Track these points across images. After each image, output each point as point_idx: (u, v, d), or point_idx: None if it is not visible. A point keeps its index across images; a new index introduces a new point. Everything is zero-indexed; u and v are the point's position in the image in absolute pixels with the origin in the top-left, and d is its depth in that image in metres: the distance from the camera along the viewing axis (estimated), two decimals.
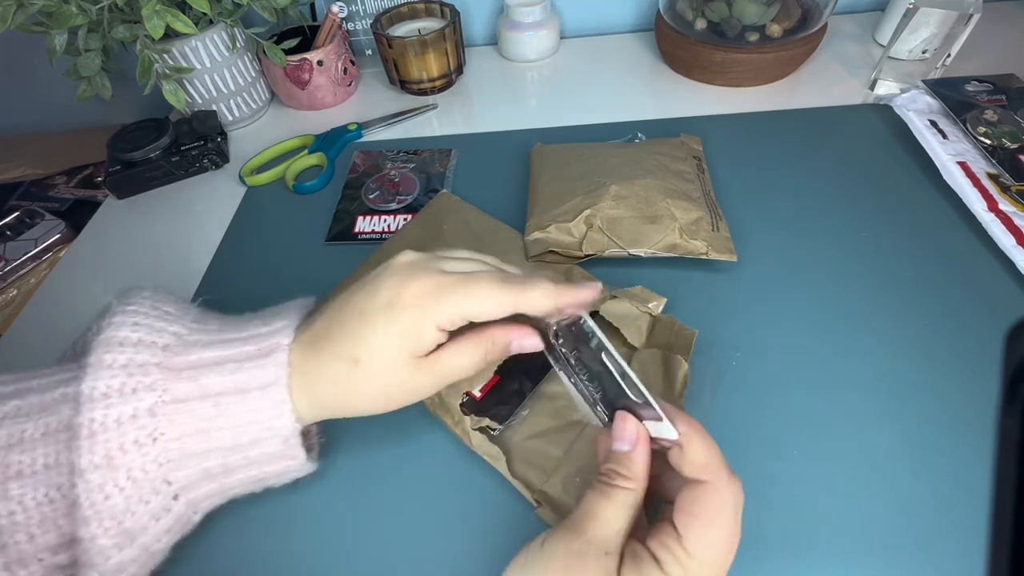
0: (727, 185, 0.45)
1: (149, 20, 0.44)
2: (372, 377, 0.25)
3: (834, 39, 0.60)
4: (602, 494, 0.22)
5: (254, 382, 0.25)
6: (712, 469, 0.21)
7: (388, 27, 0.59)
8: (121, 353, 0.24)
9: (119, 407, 0.23)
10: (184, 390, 0.24)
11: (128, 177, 0.52)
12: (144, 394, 0.24)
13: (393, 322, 0.25)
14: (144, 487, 0.24)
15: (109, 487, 0.23)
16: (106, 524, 0.23)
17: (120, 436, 0.23)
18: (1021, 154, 0.42)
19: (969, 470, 0.29)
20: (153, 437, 0.24)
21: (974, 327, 0.35)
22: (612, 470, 0.22)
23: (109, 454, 0.23)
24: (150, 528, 0.24)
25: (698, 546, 0.20)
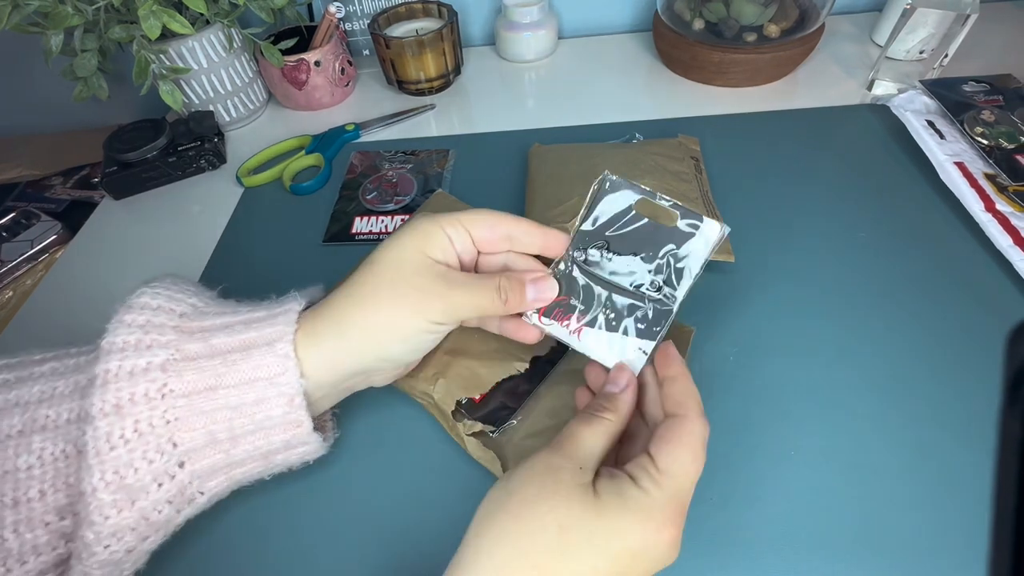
0: (724, 185, 0.45)
1: (145, 20, 0.44)
2: (386, 284, 0.26)
3: (832, 39, 0.60)
4: (584, 421, 0.24)
5: (260, 340, 0.26)
6: (688, 405, 0.24)
7: (385, 27, 0.59)
8: (140, 314, 0.26)
9: (133, 359, 0.25)
10: (195, 349, 0.25)
11: (125, 178, 0.52)
12: (158, 351, 0.25)
13: (403, 230, 0.28)
14: (149, 443, 0.24)
15: (115, 437, 0.24)
16: (108, 477, 0.23)
17: (131, 386, 0.24)
18: (1018, 154, 0.42)
19: (966, 470, 0.29)
20: (162, 393, 0.24)
21: (971, 327, 0.35)
22: (598, 403, 0.25)
23: (119, 403, 0.24)
24: (151, 492, 0.24)
25: (669, 464, 0.22)
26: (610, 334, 0.27)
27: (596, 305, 0.27)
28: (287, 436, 0.26)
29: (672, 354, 0.25)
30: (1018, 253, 0.37)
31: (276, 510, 0.31)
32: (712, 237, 0.26)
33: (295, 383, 0.25)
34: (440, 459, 0.32)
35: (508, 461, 0.30)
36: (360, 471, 0.32)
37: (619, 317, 0.27)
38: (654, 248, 0.27)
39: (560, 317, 0.28)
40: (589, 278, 0.28)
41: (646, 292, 0.27)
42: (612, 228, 0.28)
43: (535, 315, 0.28)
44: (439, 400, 0.32)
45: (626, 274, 0.27)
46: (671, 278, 0.27)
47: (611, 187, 0.28)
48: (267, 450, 0.26)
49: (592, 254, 0.28)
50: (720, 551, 0.28)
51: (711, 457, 0.30)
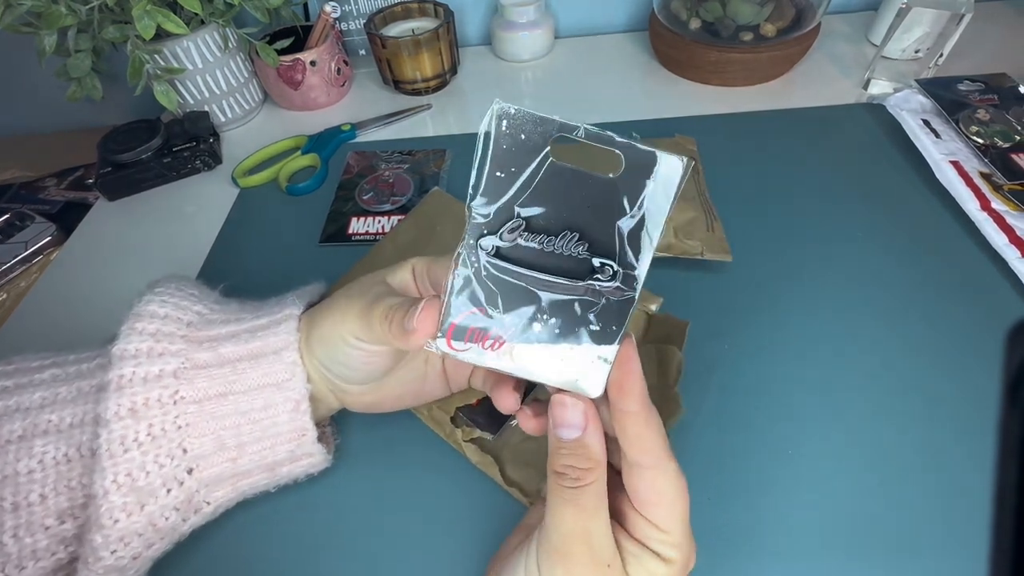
0: (721, 185, 0.45)
1: (140, 20, 0.44)
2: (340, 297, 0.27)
3: (827, 39, 0.60)
4: (573, 505, 0.19)
5: (267, 348, 0.26)
6: (655, 452, 0.19)
7: (381, 27, 0.59)
8: (150, 323, 0.26)
9: (147, 366, 0.25)
10: (204, 358, 0.26)
11: (119, 179, 0.51)
12: (169, 358, 0.26)
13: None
14: (161, 447, 0.25)
15: (129, 440, 0.24)
16: (120, 479, 0.24)
17: (146, 391, 0.25)
18: (1013, 153, 0.42)
19: (964, 466, 0.29)
20: (174, 399, 0.25)
21: (968, 325, 0.35)
22: (568, 467, 0.20)
23: (134, 407, 0.25)
24: (160, 497, 0.25)
25: (669, 521, 0.20)
26: (555, 346, 0.19)
27: (528, 312, 0.19)
28: (291, 446, 0.27)
29: (631, 373, 0.19)
30: (1013, 251, 0.37)
31: (276, 519, 0.31)
32: (673, 178, 0.18)
33: (301, 388, 0.26)
34: (438, 466, 0.32)
35: (506, 465, 0.30)
36: (359, 480, 0.32)
37: (564, 321, 0.19)
38: (594, 214, 0.19)
39: (479, 337, 0.20)
40: (508, 275, 0.19)
41: (597, 284, 0.19)
42: (525, 194, 0.19)
43: (442, 341, 0.20)
44: (438, 407, 0.31)
45: (560, 259, 0.19)
46: (624, 253, 0.19)
47: (511, 126, 0.19)
48: (272, 461, 0.27)
49: (505, 241, 0.19)
50: (717, 550, 0.28)
51: (707, 455, 0.31)
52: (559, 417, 0.20)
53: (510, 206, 0.19)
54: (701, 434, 0.31)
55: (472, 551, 0.29)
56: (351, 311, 0.25)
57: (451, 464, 0.31)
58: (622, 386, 0.19)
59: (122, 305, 0.28)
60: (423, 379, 0.29)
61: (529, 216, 0.19)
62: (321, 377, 0.27)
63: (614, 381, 0.19)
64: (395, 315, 0.23)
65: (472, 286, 0.20)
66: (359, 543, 0.30)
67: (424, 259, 0.27)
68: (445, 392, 0.30)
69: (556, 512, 0.20)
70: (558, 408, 0.20)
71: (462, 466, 0.31)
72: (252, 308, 0.29)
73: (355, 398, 0.28)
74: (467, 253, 0.19)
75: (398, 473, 0.32)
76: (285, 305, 0.28)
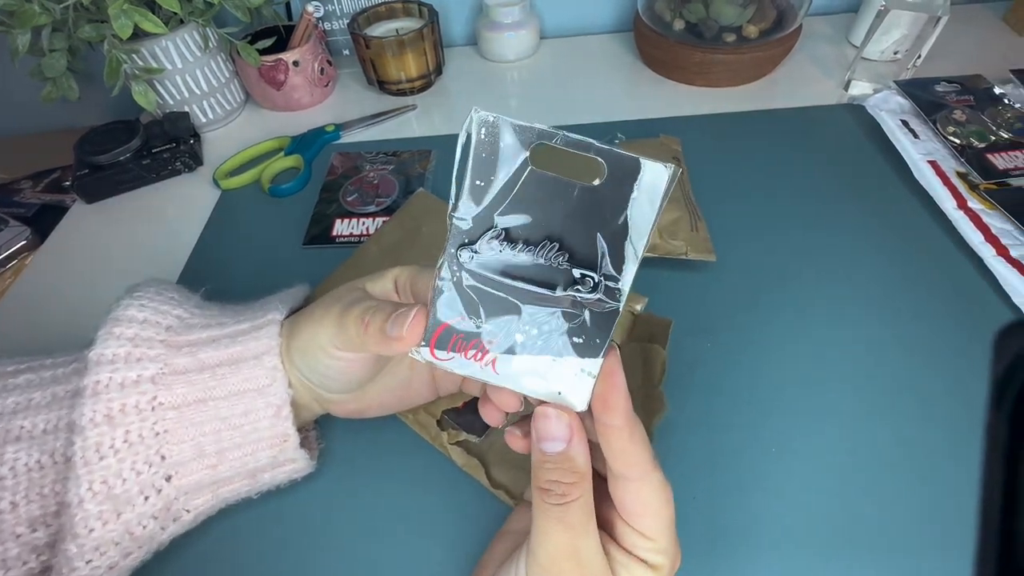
0: (706, 185, 0.45)
1: (116, 19, 0.43)
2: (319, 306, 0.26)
3: (809, 40, 0.60)
4: (560, 523, 0.19)
5: (248, 353, 0.26)
6: (640, 464, 0.19)
7: (365, 27, 0.59)
8: (128, 328, 0.26)
9: (124, 372, 0.25)
10: (183, 363, 0.26)
11: (97, 181, 0.50)
12: (148, 364, 0.25)
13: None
14: (139, 454, 0.24)
15: (105, 447, 0.24)
16: (96, 487, 0.23)
17: (122, 397, 0.24)
18: (988, 153, 0.43)
19: (948, 463, 0.30)
20: (152, 405, 0.25)
21: (947, 321, 0.35)
22: (554, 482, 0.19)
23: (110, 413, 0.24)
24: (137, 505, 0.24)
25: (655, 529, 0.20)
26: (538, 358, 0.19)
27: (510, 323, 0.19)
28: (273, 452, 0.26)
29: (614, 387, 0.19)
30: (989, 250, 0.38)
31: (259, 526, 0.30)
32: (659, 186, 0.17)
33: (282, 393, 0.26)
34: (423, 469, 0.32)
35: (492, 467, 0.30)
36: (343, 484, 0.32)
37: (546, 332, 0.19)
38: (576, 224, 0.18)
39: (462, 347, 0.20)
40: (488, 285, 0.19)
41: (578, 296, 0.19)
42: (505, 202, 0.18)
43: (425, 349, 0.20)
44: (424, 409, 0.31)
45: (541, 269, 0.19)
46: (606, 264, 0.18)
47: (490, 133, 0.18)
48: (253, 467, 0.26)
49: (485, 251, 0.19)
50: (702, 549, 0.28)
51: (692, 454, 0.31)
52: (543, 430, 0.19)
53: (490, 215, 0.18)
54: (685, 433, 0.32)
55: (458, 555, 0.28)
56: (327, 319, 0.25)
57: (437, 467, 0.31)
58: (606, 400, 0.19)
59: (100, 310, 0.27)
60: (408, 385, 0.29)
61: (509, 226, 0.19)
62: (303, 385, 0.27)
63: (598, 395, 0.19)
64: (373, 318, 0.22)
65: (456, 295, 0.19)
66: (344, 548, 0.29)
67: (408, 269, 0.27)
68: (432, 397, 0.30)
69: (543, 531, 0.19)
70: (541, 421, 0.19)
71: (448, 469, 0.31)
72: (234, 313, 0.29)
73: (339, 406, 0.28)
74: (448, 262, 0.19)
75: (383, 477, 0.31)
76: (268, 310, 0.28)
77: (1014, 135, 0.44)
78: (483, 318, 0.19)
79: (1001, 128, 0.45)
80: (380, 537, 0.29)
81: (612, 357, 0.19)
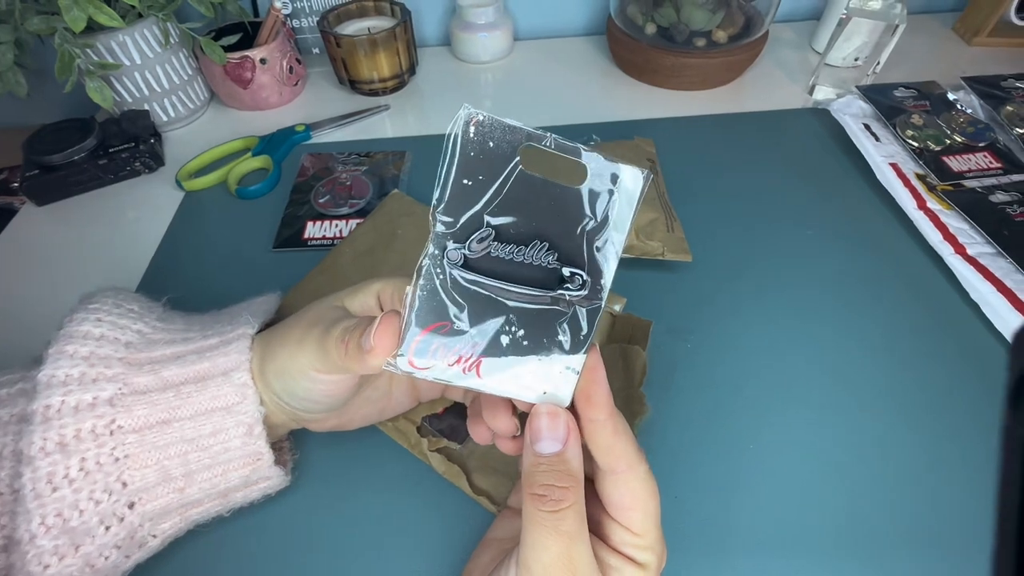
0: (679, 186, 0.46)
1: (68, 12, 0.41)
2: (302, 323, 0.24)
3: (775, 46, 0.62)
4: (554, 532, 0.18)
5: (215, 369, 0.24)
6: (626, 457, 0.19)
7: (336, 25, 0.57)
8: (83, 345, 0.24)
9: (78, 395, 0.23)
10: (144, 383, 0.24)
11: (48, 182, 0.48)
12: (105, 384, 0.23)
13: None
14: (97, 482, 0.22)
15: (59, 477, 0.22)
16: (50, 521, 0.21)
17: (76, 423, 0.22)
18: (944, 156, 0.45)
19: (917, 458, 0.31)
20: (111, 430, 0.23)
21: (910, 317, 0.37)
22: (548, 487, 0.18)
23: (63, 441, 0.22)
24: (97, 536, 0.22)
25: (644, 524, 0.20)
26: (524, 359, 0.19)
27: (494, 324, 0.19)
28: (246, 472, 0.25)
29: (596, 383, 0.19)
30: (947, 248, 0.39)
31: (237, 539, 0.29)
32: (634, 190, 0.19)
33: (254, 411, 0.24)
34: (403, 477, 0.31)
35: (473, 474, 0.29)
36: (320, 496, 0.30)
37: (532, 332, 0.19)
38: (562, 224, 0.19)
39: (443, 353, 0.19)
40: (476, 286, 0.19)
41: (568, 294, 0.19)
42: (495, 203, 0.18)
43: (403, 360, 0.19)
44: (404, 416, 0.30)
45: (530, 269, 0.19)
46: (593, 262, 0.19)
47: (479, 132, 0.18)
48: (225, 488, 0.25)
49: (475, 250, 0.18)
50: (684, 547, 0.28)
51: (672, 453, 0.31)
52: (540, 429, 0.19)
53: (479, 215, 0.18)
54: (666, 432, 0.32)
55: (441, 563, 0.28)
56: (307, 342, 0.23)
57: (417, 474, 0.31)
58: (589, 396, 0.19)
59: (52, 322, 0.25)
60: (388, 396, 0.28)
61: (499, 225, 0.18)
62: (278, 405, 0.25)
63: (581, 391, 0.19)
64: (351, 337, 0.21)
65: (438, 298, 0.19)
66: (324, 560, 0.28)
67: (391, 283, 0.25)
68: (412, 404, 0.29)
69: (536, 541, 0.18)
70: (538, 420, 0.19)
71: (428, 476, 0.30)
72: (200, 325, 0.27)
73: (318, 424, 0.27)
74: (431, 264, 0.18)
75: (362, 486, 0.31)
76: (238, 324, 0.26)
77: (967, 139, 0.46)
78: (467, 321, 0.19)
79: (955, 132, 0.47)
80: (360, 548, 0.29)
81: (593, 353, 0.19)
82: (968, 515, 0.29)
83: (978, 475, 0.30)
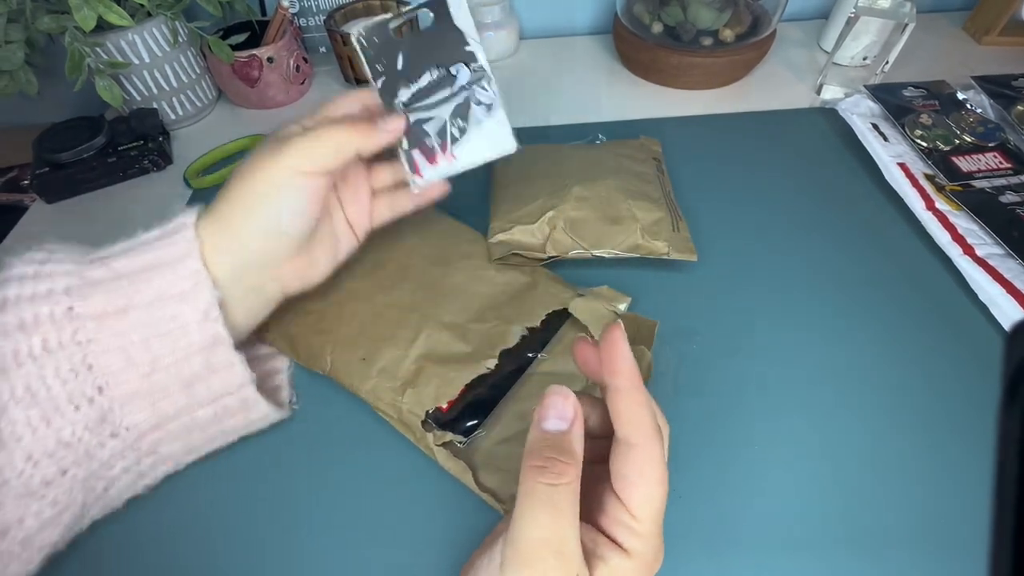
0: (685, 186, 0.46)
1: (78, 11, 0.41)
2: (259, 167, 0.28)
3: (782, 45, 0.62)
4: (549, 507, 0.19)
5: (166, 257, 0.25)
6: (644, 429, 0.20)
7: (342, 23, 0.58)
8: (37, 253, 0.25)
9: (32, 286, 0.24)
10: (98, 275, 0.25)
11: (58, 179, 0.48)
12: (60, 277, 0.24)
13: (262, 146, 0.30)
14: (61, 361, 0.23)
15: (23, 354, 0.23)
16: (19, 393, 0.22)
17: (34, 308, 0.23)
18: (953, 156, 0.45)
19: (922, 460, 0.31)
20: (69, 316, 0.24)
21: (918, 318, 0.37)
22: (550, 458, 0.19)
23: (22, 323, 0.23)
24: (67, 413, 0.23)
25: (643, 507, 0.20)
26: (472, 133, 0.30)
27: (444, 126, 0.30)
28: (204, 356, 0.25)
29: (620, 357, 0.20)
30: (956, 249, 0.39)
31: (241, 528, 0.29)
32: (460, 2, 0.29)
33: (208, 295, 0.25)
34: (411, 471, 0.31)
35: (478, 470, 0.30)
36: (326, 488, 0.31)
37: (466, 115, 0.30)
38: (438, 50, 0.30)
39: (431, 159, 0.31)
40: (422, 111, 0.30)
41: (466, 81, 0.30)
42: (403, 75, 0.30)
43: (418, 178, 0.31)
44: (408, 410, 0.31)
45: (440, 83, 0.30)
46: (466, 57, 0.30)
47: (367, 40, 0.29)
48: (189, 374, 0.25)
49: (403, 93, 0.30)
50: (687, 547, 0.28)
51: (676, 453, 0.31)
52: (548, 407, 0.20)
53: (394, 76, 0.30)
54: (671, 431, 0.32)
55: (444, 559, 0.28)
56: (288, 147, 0.27)
57: (422, 469, 0.31)
58: (611, 365, 0.20)
59: None
60: (337, 238, 0.32)
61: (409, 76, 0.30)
62: (244, 268, 0.27)
63: (605, 362, 0.20)
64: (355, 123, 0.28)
65: (414, 132, 0.30)
66: (328, 552, 0.28)
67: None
68: (355, 244, 0.34)
69: (528, 516, 0.19)
70: (548, 399, 0.20)
71: (434, 472, 0.30)
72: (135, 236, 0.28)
73: (289, 270, 0.30)
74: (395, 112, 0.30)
75: (368, 479, 0.31)
76: (177, 216, 0.27)
77: (976, 139, 0.46)
78: (431, 134, 0.30)
79: (964, 132, 0.46)
80: (365, 541, 0.29)
81: (615, 326, 0.20)
82: (971, 516, 0.28)
83: (985, 476, 0.30)
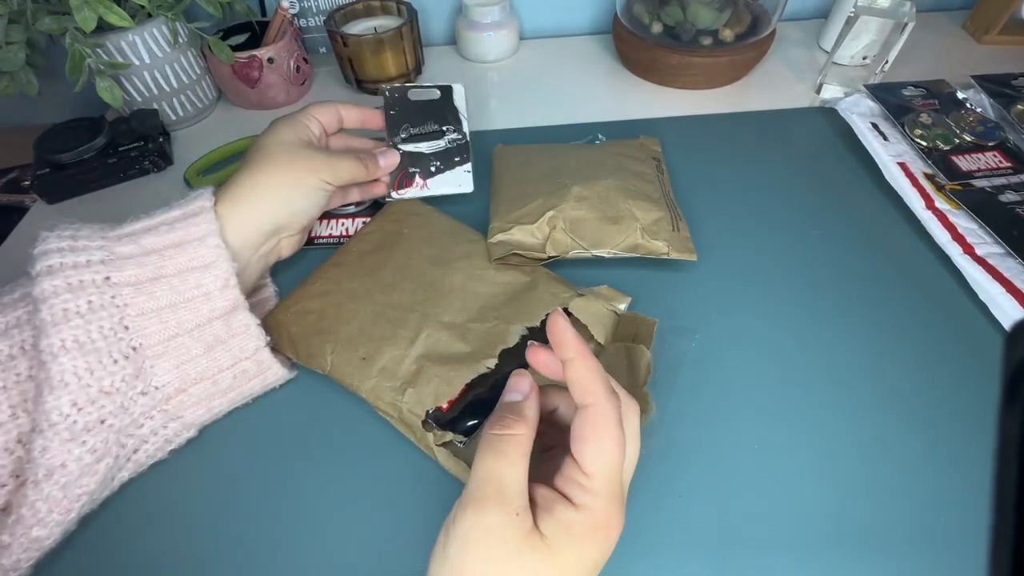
0: (685, 186, 0.46)
1: (78, 11, 0.41)
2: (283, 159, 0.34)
3: (782, 45, 0.62)
4: (495, 453, 0.21)
5: (189, 236, 0.29)
6: (593, 390, 0.21)
7: (343, 24, 0.58)
8: (64, 231, 0.28)
9: (72, 257, 0.27)
10: (128, 251, 0.28)
11: (59, 180, 0.48)
12: (94, 251, 0.28)
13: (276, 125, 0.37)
14: (104, 320, 0.26)
15: (72, 311, 0.26)
16: (68, 343, 0.25)
17: (78, 274, 0.26)
18: (953, 155, 0.45)
19: (921, 460, 0.31)
20: (108, 283, 0.27)
21: (917, 318, 0.37)
22: (503, 417, 0.23)
23: (70, 285, 0.26)
24: (107, 365, 0.26)
25: (594, 463, 0.21)
26: (445, 173, 0.41)
27: (427, 162, 0.42)
28: (225, 319, 0.30)
29: (562, 333, 0.22)
30: (956, 248, 0.39)
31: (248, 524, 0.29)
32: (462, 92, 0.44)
33: (228, 267, 0.30)
34: (411, 471, 0.31)
35: None
36: (327, 485, 0.31)
37: (443, 161, 0.42)
38: (437, 113, 0.43)
39: (409, 184, 0.41)
40: (413, 148, 0.42)
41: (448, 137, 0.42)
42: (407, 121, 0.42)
43: (395, 193, 0.41)
44: (408, 410, 0.31)
45: (431, 135, 0.42)
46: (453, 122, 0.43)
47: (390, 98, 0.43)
48: (212, 338, 0.30)
49: (403, 132, 0.42)
50: (687, 546, 0.28)
51: (676, 452, 0.31)
52: (513, 384, 0.24)
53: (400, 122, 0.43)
54: (670, 431, 0.32)
55: None
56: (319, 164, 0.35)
57: (422, 469, 0.31)
58: (559, 343, 0.22)
59: None
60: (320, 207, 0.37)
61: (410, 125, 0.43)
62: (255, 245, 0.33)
63: (554, 345, 0.22)
64: (369, 160, 0.39)
65: (403, 163, 0.42)
66: (327, 552, 0.28)
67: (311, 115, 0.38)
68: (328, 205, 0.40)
69: (477, 460, 0.22)
70: (511, 379, 0.24)
71: (434, 472, 0.30)
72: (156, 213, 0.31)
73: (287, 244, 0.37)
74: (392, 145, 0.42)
75: (368, 479, 0.31)
76: (195, 198, 0.31)
77: (976, 138, 0.46)
78: (417, 169, 0.42)
79: (964, 131, 0.46)
80: (365, 540, 0.29)
81: (555, 313, 0.22)
82: (971, 515, 0.28)
83: (985, 476, 0.30)
